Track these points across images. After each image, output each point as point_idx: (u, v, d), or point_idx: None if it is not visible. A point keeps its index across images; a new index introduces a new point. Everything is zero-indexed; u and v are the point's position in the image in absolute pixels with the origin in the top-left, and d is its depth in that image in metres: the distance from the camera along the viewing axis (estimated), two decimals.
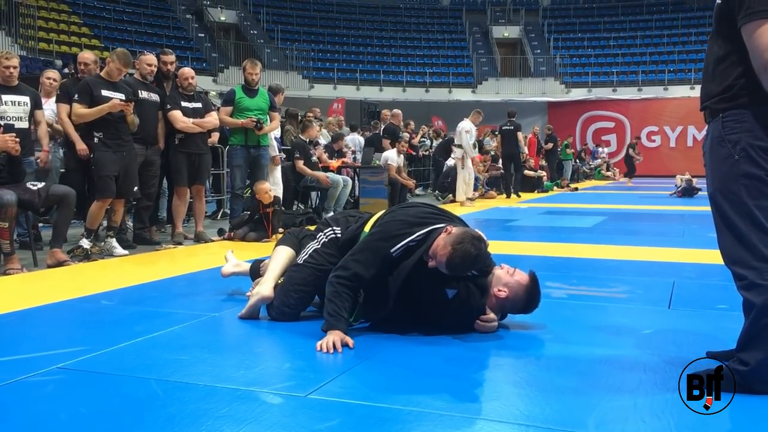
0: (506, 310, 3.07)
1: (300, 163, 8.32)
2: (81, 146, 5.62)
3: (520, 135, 13.68)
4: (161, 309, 3.52)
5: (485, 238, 2.93)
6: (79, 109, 5.31)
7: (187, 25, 26.60)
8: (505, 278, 3.02)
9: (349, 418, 1.99)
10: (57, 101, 5.90)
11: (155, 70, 6.29)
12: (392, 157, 10.66)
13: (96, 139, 5.38)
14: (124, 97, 5.46)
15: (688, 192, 13.62)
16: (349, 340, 2.73)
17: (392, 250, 2.89)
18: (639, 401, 2.13)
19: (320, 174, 8.51)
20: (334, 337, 2.70)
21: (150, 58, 6.28)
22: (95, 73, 5.97)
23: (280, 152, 7.70)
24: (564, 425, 1.94)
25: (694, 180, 13.75)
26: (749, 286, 2.12)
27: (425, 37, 31.30)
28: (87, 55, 6.41)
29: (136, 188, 5.70)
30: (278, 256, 3.38)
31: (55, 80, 6.57)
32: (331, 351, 2.65)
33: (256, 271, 3.72)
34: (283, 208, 7.13)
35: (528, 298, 3.01)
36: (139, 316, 3.34)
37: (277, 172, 7.61)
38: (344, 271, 2.88)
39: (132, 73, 6.15)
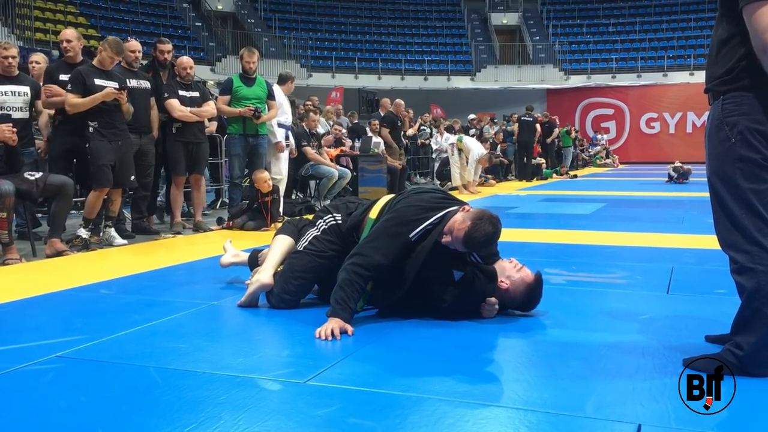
0: (505, 303, 3.07)
1: (310, 150, 8.36)
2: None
3: (538, 126, 15.55)
4: (160, 298, 3.52)
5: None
6: (73, 98, 5.27)
7: (184, 14, 26.49)
8: (510, 271, 3.03)
9: (347, 404, 1.99)
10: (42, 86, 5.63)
11: (140, 55, 6.19)
12: (379, 140, 10.89)
13: (91, 129, 5.34)
14: (117, 86, 5.42)
15: (684, 176, 13.73)
16: (349, 328, 2.72)
17: (411, 235, 2.90)
18: (637, 385, 2.13)
19: (328, 162, 8.77)
20: (334, 324, 2.69)
21: (134, 44, 6.17)
22: (85, 59, 5.89)
23: (287, 138, 7.53)
24: (563, 409, 1.95)
25: (685, 166, 13.99)
26: (740, 269, 2.12)
27: (424, 24, 31.18)
28: (69, 32, 5.93)
29: (133, 177, 5.68)
30: (277, 245, 3.37)
31: (38, 62, 6.48)
32: (329, 338, 2.65)
33: (254, 260, 3.71)
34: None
35: (528, 296, 3.02)
36: (138, 304, 3.34)
37: (283, 163, 7.45)
38: (362, 258, 2.84)
39: (119, 62, 6.07)
